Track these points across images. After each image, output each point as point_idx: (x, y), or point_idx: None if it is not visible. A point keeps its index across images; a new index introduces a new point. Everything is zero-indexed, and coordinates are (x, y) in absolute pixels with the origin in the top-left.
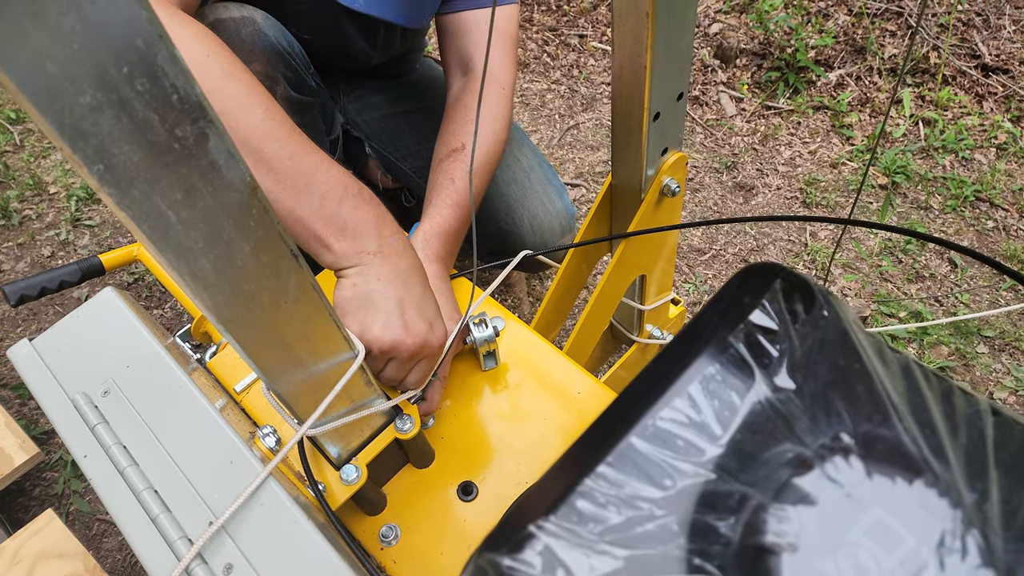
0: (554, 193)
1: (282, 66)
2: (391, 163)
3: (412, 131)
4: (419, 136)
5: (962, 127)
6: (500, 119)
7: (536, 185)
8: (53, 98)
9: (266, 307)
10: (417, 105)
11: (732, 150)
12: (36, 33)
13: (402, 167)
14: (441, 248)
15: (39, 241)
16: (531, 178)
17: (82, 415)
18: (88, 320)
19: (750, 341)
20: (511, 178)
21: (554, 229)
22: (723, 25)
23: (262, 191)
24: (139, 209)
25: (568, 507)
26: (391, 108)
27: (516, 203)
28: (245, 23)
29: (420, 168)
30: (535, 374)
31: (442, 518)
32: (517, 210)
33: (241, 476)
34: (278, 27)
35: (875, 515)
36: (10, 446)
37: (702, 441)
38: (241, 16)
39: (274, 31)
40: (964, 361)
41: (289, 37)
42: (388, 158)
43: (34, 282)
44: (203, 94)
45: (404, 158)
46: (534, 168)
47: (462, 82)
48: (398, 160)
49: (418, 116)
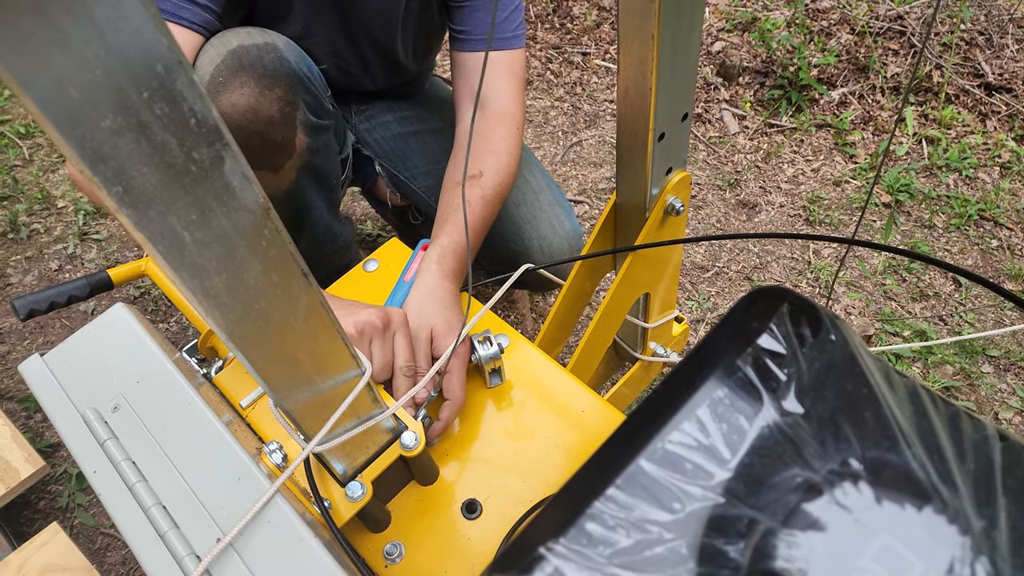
0: (563, 214)
1: (302, 91)
2: (400, 182)
3: (422, 151)
4: (428, 157)
5: (965, 146)
6: (511, 154)
7: (545, 206)
8: (75, 123)
9: (276, 325)
10: (426, 126)
11: (735, 167)
12: (60, 60)
13: (411, 186)
14: (454, 265)
15: (47, 254)
16: (540, 199)
17: (92, 430)
18: (99, 336)
19: (758, 365)
20: (520, 199)
21: (563, 249)
22: (726, 43)
23: (275, 212)
24: (155, 230)
25: (578, 529)
26: (401, 128)
27: (525, 224)
28: (268, 49)
29: (429, 188)
30: (540, 392)
31: (446, 536)
32: (526, 231)
33: (248, 493)
34: (299, 52)
35: (884, 541)
36: (16, 459)
37: (711, 465)
38: (264, 43)
39: (295, 56)
40: (969, 381)
41: (308, 62)
42: (397, 177)
43: (43, 296)
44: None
45: (413, 177)
46: (543, 189)
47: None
48: (407, 179)
49: (427, 137)
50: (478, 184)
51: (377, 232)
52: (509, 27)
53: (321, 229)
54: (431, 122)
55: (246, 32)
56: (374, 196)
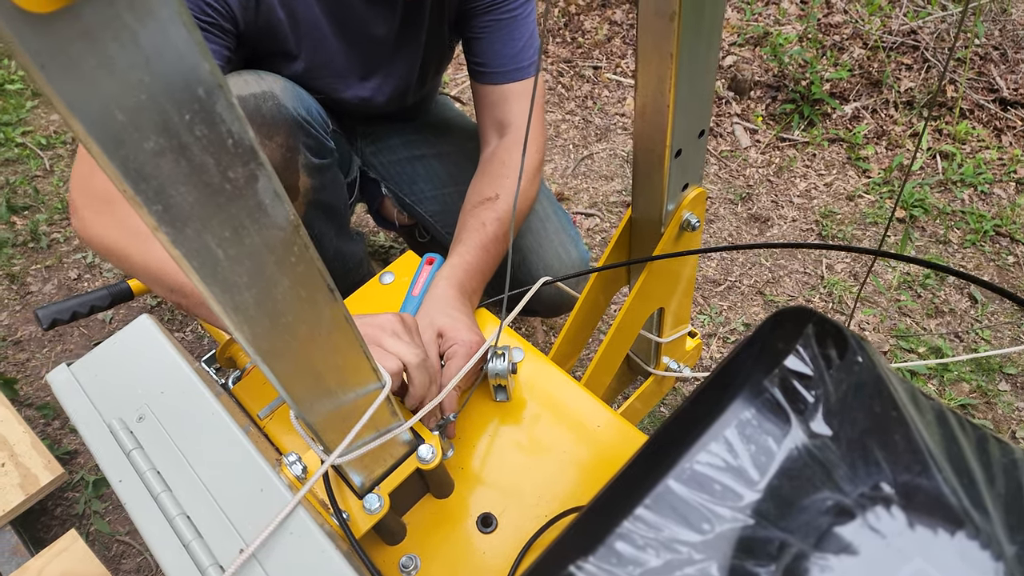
0: (569, 243)
1: (302, 135)
2: (407, 204)
3: (428, 175)
4: (435, 181)
5: (980, 161)
6: (531, 179)
7: (552, 235)
8: (120, 144)
9: (302, 338)
10: (432, 150)
11: (747, 181)
12: (107, 84)
13: (418, 210)
14: (468, 282)
15: (66, 264)
16: (547, 227)
17: (118, 440)
18: (124, 346)
19: (785, 386)
20: (526, 227)
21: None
22: (737, 58)
23: (303, 229)
24: (191, 247)
25: (607, 548)
26: (407, 152)
27: (531, 254)
28: (265, 98)
29: (436, 212)
30: (555, 406)
31: (462, 549)
32: (532, 261)
33: (271, 504)
34: (296, 94)
35: (917, 566)
36: (36, 466)
37: (739, 486)
38: (261, 91)
39: (293, 101)
40: (986, 399)
41: (307, 102)
42: (404, 200)
43: (66, 306)
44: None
45: (420, 202)
46: (549, 217)
47: (498, 142)
48: (414, 203)
49: (434, 161)
50: (494, 206)
51: (389, 244)
52: (526, 56)
53: (331, 254)
54: (438, 146)
55: (243, 80)
56: (381, 216)
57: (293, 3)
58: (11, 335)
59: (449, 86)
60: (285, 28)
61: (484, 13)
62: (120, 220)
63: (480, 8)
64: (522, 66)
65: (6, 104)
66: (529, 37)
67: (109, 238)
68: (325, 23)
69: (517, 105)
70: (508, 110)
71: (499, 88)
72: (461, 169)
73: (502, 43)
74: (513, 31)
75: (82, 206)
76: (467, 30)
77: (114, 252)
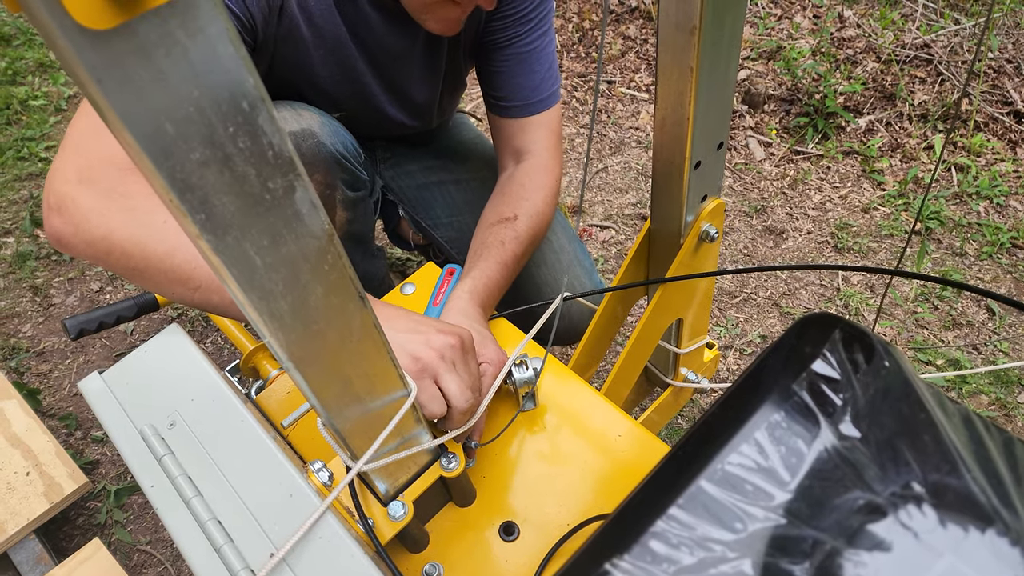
0: (584, 275)
1: (339, 171)
2: (423, 228)
3: (445, 201)
4: (452, 208)
5: (996, 173)
6: (547, 202)
7: (566, 268)
8: (168, 155)
9: (333, 345)
10: (451, 176)
11: (761, 194)
12: (159, 97)
13: (433, 234)
14: (487, 298)
15: (88, 276)
16: (561, 259)
17: (149, 446)
18: (155, 355)
19: (813, 389)
20: (541, 260)
21: (583, 312)
22: (751, 71)
23: (337, 238)
24: (231, 255)
25: (642, 547)
26: (425, 178)
27: (545, 287)
28: (305, 136)
29: (451, 239)
30: (575, 416)
31: (484, 557)
32: (546, 294)
33: (300, 509)
34: (335, 130)
35: (949, 562)
36: (60, 475)
37: (771, 486)
38: (300, 129)
39: (331, 138)
40: (1005, 411)
41: (343, 135)
42: (420, 223)
43: (93, 317)
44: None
45: (436, 227)
46: (564, 248)
47: (515, 167)
48: (430, 227)
49: (451, 187)
50: (512, 225)
51: (406, 257)
52: (545, 88)
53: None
54: (456, 172)
55: (282, 118)
56: (397, 235)
57: (316, 20)
58: (35, 346)
59: (464, 100)
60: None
61: (503, 47)
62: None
63: (499, 42)
64: (542, 98)
65: (30, 119)
66: (548, 69)
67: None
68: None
69: (535, 134)
70: (526, 139)
71: (518, 121)
72: (478, 196)
73: (522, 76)
74: (533, 64)
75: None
76: (485, 63)
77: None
